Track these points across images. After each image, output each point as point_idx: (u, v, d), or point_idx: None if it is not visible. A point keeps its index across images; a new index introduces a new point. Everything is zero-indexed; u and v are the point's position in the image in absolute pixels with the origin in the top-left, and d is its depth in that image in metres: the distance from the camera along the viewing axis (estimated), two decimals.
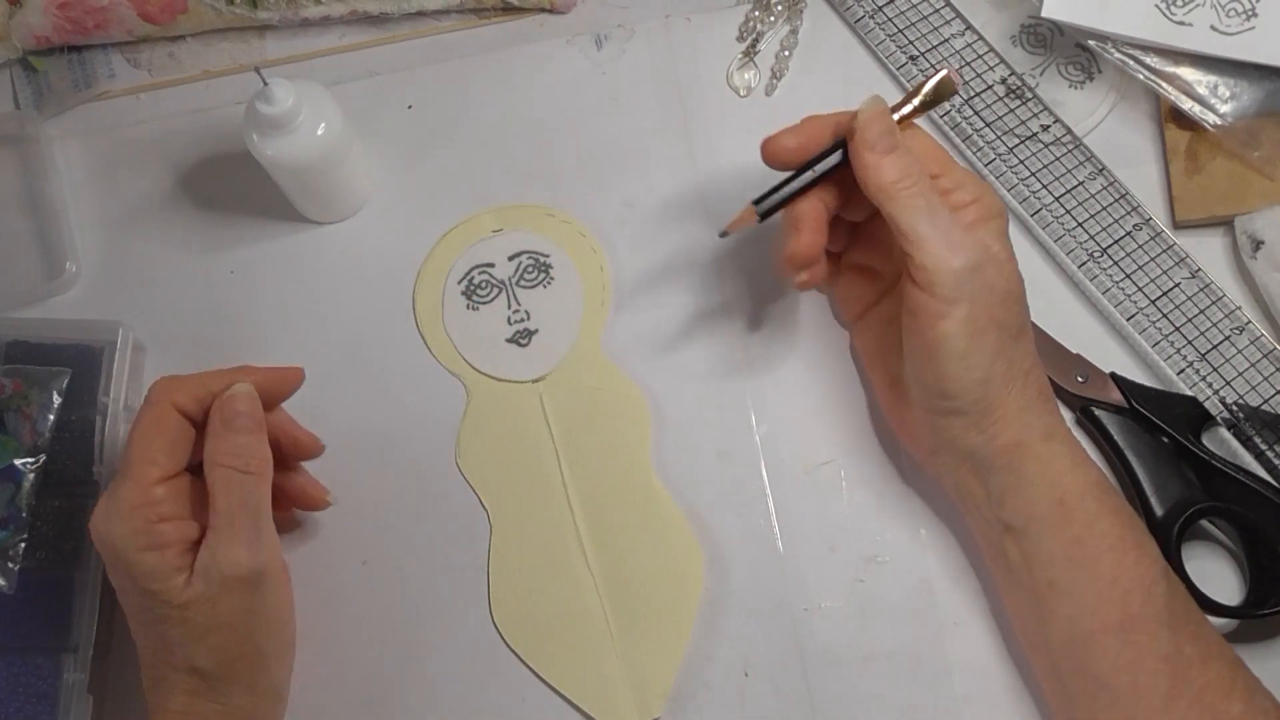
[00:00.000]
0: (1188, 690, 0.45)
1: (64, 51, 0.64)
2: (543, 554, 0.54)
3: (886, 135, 0.48)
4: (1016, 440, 0.48)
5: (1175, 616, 0.46)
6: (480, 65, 0.63)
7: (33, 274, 0.60)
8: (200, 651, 0.46)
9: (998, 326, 0.47)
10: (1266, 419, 0.54)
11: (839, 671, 0.53)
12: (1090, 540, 0.47)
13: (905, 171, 0.47)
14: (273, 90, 0.51)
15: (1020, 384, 0.48)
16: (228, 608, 0.46)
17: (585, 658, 0.53)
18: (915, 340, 0.48)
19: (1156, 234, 0.57)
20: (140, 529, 0.45)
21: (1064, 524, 0.47)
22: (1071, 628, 0.47)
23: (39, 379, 0.54)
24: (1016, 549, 0.48)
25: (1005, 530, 0.48)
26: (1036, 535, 0.47)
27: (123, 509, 0.45)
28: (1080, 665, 0.47)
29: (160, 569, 0.45)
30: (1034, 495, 0.47)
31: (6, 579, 0.52)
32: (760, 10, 0.63)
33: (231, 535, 0.46)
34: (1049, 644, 0.48)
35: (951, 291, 0.46)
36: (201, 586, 0.45)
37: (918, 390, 0.49)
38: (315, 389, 0.57)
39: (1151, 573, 0.47)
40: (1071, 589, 0.47)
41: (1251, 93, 0.58)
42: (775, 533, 0.55)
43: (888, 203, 0.47)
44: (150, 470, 0.46)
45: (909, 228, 0.47)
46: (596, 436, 0.56)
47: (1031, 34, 0.62)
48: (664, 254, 0.59)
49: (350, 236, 0.60)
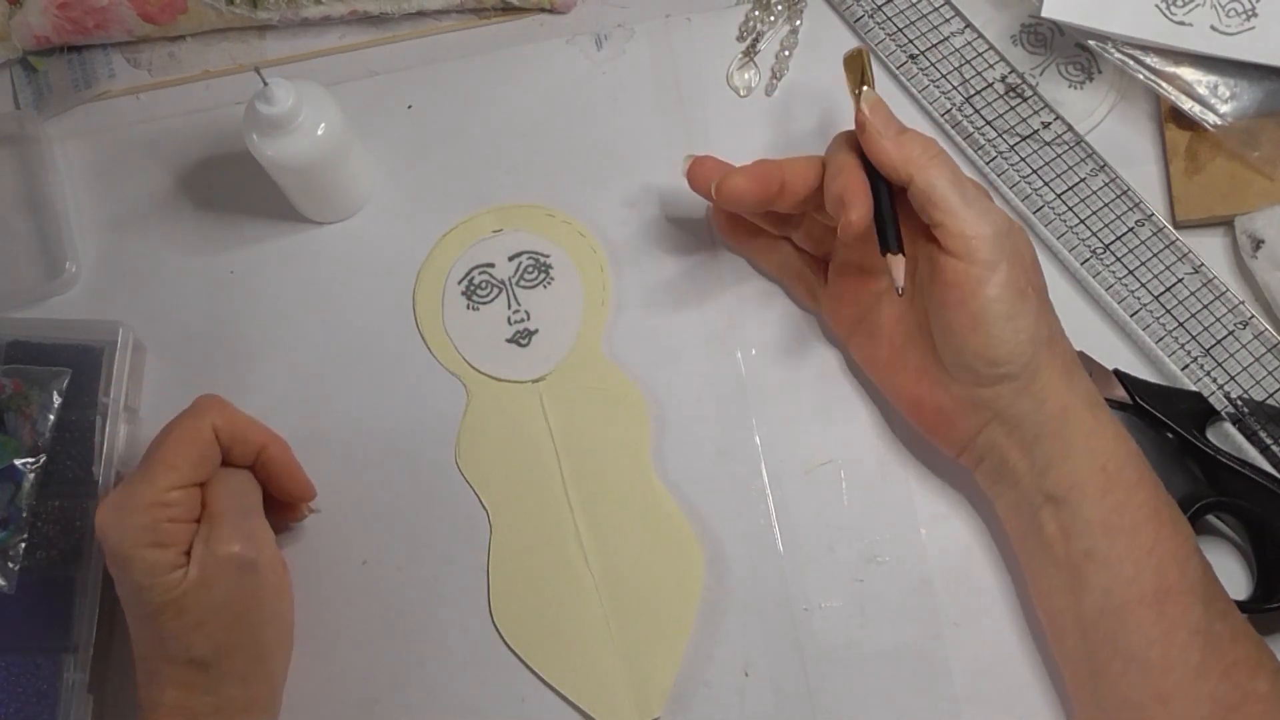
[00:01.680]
0: (1218, 665, 0.45)
1: (64, 51, 0.64)
2: (543, 554, 0.54)
3: (891, 120, 0.49)
4: (1064, 405, 0.48)
5: (1208, 592, 0.47)
6: (480, 65, 0.63)
7: (33, 274, 0.60)
8: (197, 640, 0.46)
9: (1035, 289, 0.48)
10: (1271, 413, 0.54)
11: (839, 671, 0.52)
12: (1130, 509, 0.47)
13: (925, 146, 0.49)
14: (273, 90, 0.51)
15: (1060, 348, 0.49)
16: (222, 592, 0.47)
17: (585, 658, 0.53)
18: (956, 312, 0.48)
19: (1158, 230, 0.57)
20: (148, 526, 0.46)
21: (1106, 491, 0.47)
22: (1106, 599, 0.47)
23: (39, 379, 0.54)
24: (1055, 521, 0.48)
25: (1045, 501, 0.49)
26: (1077, 503, 0.48)
27: (136, 506, 0.47)
28: (1112, 638, 0.47)
29: (160, 564, 0.46)
30: (1079, 462, 0.48)
31: (6, 579, 0.52)
32: (760, 10, 0.63)
33: (222, 521, 0.48)
34: (1081, 618, 0.48)
35: (991, 255, 0.47)
36: (197, 572, 0.46)
37: (960, 366, 0.49)
38: (315, 389, 0.57)
39: (1186, 547, 0.47)
40: (1110, 558, 0.47)
41: (1251, 93, 0.58)
42: (775, 533, 0.55)
43: (919, 174, 0.48)
44: (171, 475, 0.47)
45: (942, 197, 0.47)
46: (596, 436, 0.56)
47: (1031, 34, 0.62)
48: (664, 254, 0.59)
49: (350, 236, 0.60)
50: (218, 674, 0.47)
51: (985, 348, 0.48)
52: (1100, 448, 0.48)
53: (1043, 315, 0.48)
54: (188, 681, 0.47)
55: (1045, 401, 0.48)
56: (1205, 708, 0.45)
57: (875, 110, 0.49)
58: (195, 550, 0.47)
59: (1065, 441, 0.48)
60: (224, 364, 0.58)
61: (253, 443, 0.51)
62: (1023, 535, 0.51)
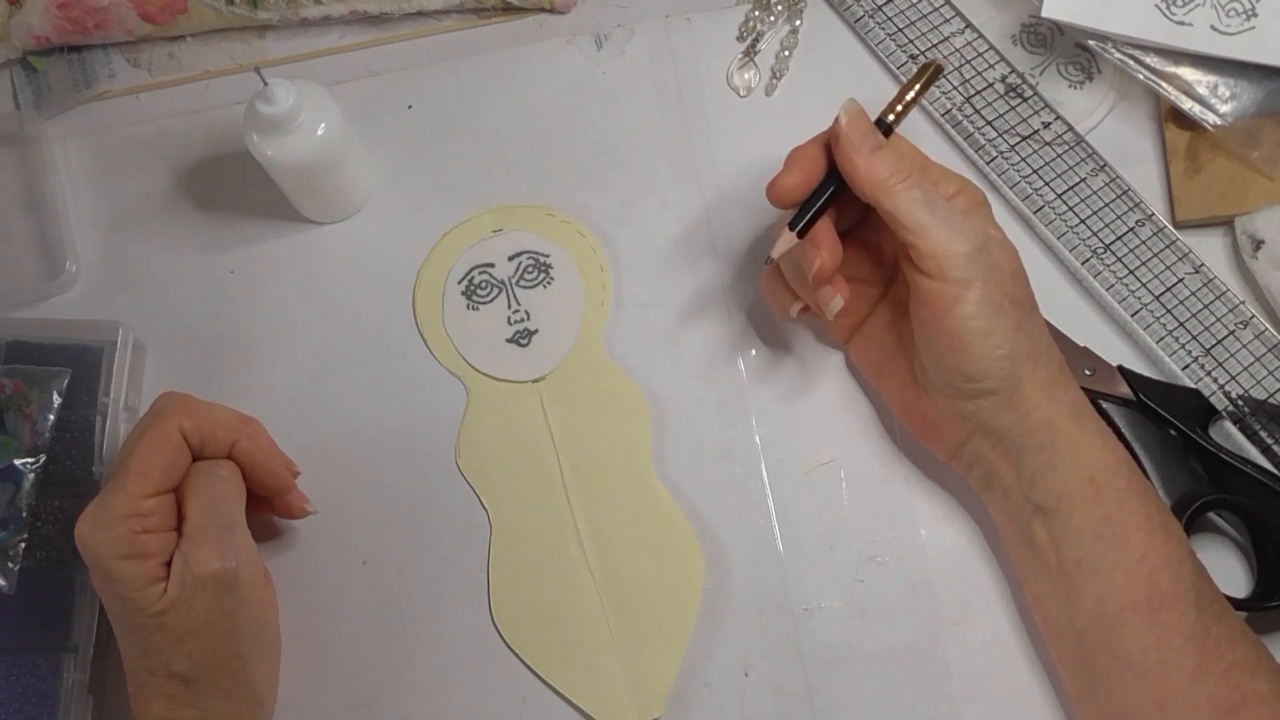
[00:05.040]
0: (1215, 668, 0.45)
1: (64, 51, 0.64)
2: (543, 554, 0.54)
3: (869, 135, 0.48)
4: (1048, 417, 0.48)
5: (1202, 596, 0.46)
6: (480, 65, 0.63)
7: (33, 274, 0.60)
8: (178, 657, 0.46)
9: (1013, 302, 0.48)
10: (1272, 412, 0.54)
11: (839, 671, 0.52)
12: (1120, 518, 0.47)
13: (895, 167, 0.48)
14: (273, 90, 0.51)
15: (1043, 360, 0.49)
16: (202, 610, 0.46)
17: (585, 658, 0.53)
18: (933, 330, 0.48)
19: (1159, 230, 0.57)
20: (123, 537, 0.46)
21: (1095, 501, 0.47)
22: (1100, 607, 0.47)
23: (39, 379, 0.54)
24: (1045, 531, 0.48)
25: (1035, 511, 0.49)
26: (1067, 514, 0.48)
27: (110, 517, 0.46)
28: (1107, 645, 0.47)
29: (139, 578, 0.46)
30: (1066, 473, 0.48)
31: (6, 579, 0.52)
32: (760, 10, 0.63)
33: (201, 538, 0.47)
34: (1075, 626, 0.48)
35: (963, 273, 0.47)
36: (176, 591, 0.46)
37: (942, 381, 0.49)
38: (315, 389, 0.57)
39: (1179, 552, 0.47)
40: (1101, 567, 0.47)
41: (1251, 93, 0.58)
42: (775, 533, 0.55)
43: (885, 198, 0.47)
44: (143, 484, 0.47)
45: (910, 219, 0.47)
46: (596, 436, 0.56)
47: (1031, 33, 0.62)
48: (664, 254, 0.59)
49: (350, 236, 0.60)
50: (201, 688, 0.47)
51: (962, 364, 0.48)
52: (1088, 458, 0.48)
53: (1022, 329, 0.48)
54: (172, 694, 0.46)
55: (1028, 415, 0.48)
56: (1204, 711, 0.45)
57: (853, 123, 0.48)
58: (175, 567, 0.46)
59: (1052, 453, 0.48)
60: (224, 364, 0.58)
61: (222, 440, 0.49)
62: (1015, 543, 0.51)
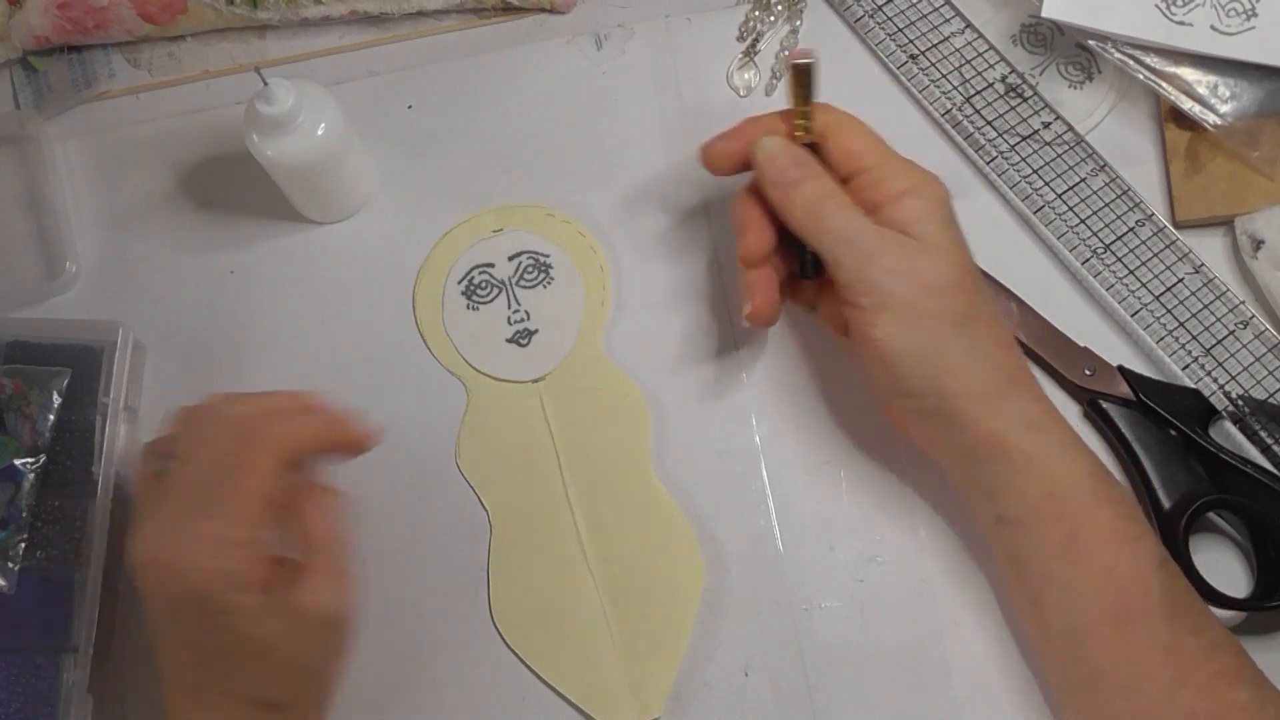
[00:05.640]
0: (1193, 679, 0.44)
1: (64, 51, 0.64)
2: (543, 554, 0.54)
3: (787, 169, 0.50)
4: (994, 430, 0.47)
5: (1174, 608, 0.46)
6: (480, 65, 0.63)
7: (33, 274, 0.60)
8: (272, 687, 0.44)
9: (934, 318, 0.47)
10: (1272, 412, 0.54)
11: (839, 671, 0.52)
12: (1084, 533, 0.46)
13: (806, 204, 0.49)
14: (273, 90, 0.51)
15: (984, 372, 0.48)
16: (309, 649, 0.44)
17: (585, 658, 0.53)
18: (861, 350, 0.50)
19: (1159, 230, 0.57)
20: (241, 570, 0.42)
21: (1057, 517, 0.47)
22: (1068, 620, 0.46)
23: (39, 379, 0.54)
24: (1010, 543, 0.48)
25: (1000, 522, 0.48)
26: (1029, 528, 0.47)
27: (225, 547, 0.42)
28: (1080, 657, 0.46)
29: (254, 610, 0.42)
30: (1024, 489, 0.47)
31: (6, 579, 0.52)
32: (760, 10, 0.63)
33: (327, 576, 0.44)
34: (1048, 637, 0.48)
35: (874, 299, 0.47)
36: (287, 625, 0.43)
37: (887, 396, 0.51)
38: (315, 389, 0.57)
39: (1149, 564, 0.46)
40: (1066, 582, 0.46)
41: (1251, 93, 0.58)
42: (775, 533, 0.55)
43: (799, 232, 0.50)
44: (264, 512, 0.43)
45: (825, 253, 0.49)
46: (596, 436, 0.56)
47: (1031, 33, 0.62)
48: (664, 254, 0.59)
49: (350, 236, 0.60)
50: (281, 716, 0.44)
51: (891, 381, 0.49)
52: (1046, 473, 0.47)
53: (946, 346, 0.47)
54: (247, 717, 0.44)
55: (968, 430, 0.47)
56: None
57: (769, 162, 0.50)
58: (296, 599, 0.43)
59: (1008, 466, 0.47)
60: (224, 364, 0.58)
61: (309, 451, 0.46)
62: (989, 553, 0.51)
